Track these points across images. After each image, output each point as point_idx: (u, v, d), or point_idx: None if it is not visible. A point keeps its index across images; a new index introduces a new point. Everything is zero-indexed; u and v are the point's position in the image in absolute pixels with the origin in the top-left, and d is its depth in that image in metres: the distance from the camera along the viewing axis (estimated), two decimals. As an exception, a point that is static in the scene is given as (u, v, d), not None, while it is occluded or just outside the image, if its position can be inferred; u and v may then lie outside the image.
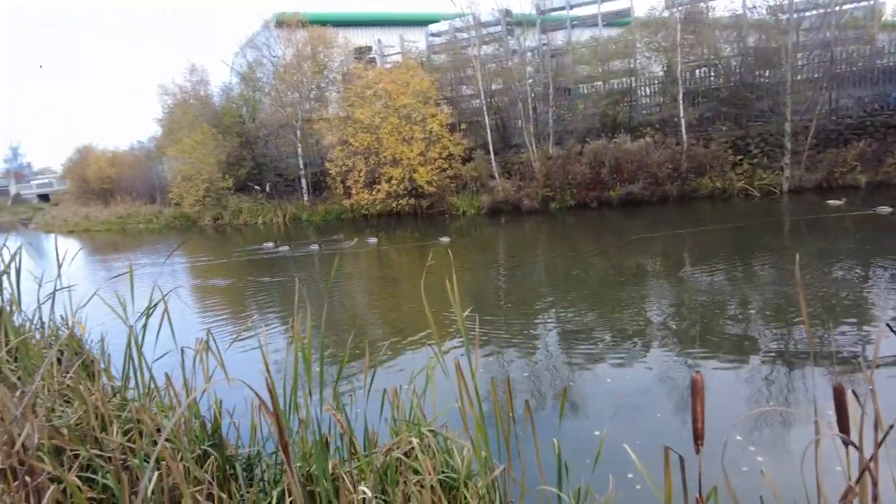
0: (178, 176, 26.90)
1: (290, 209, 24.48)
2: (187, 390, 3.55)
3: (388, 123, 20.33)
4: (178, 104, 30.92)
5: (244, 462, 3.59)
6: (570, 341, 6.62)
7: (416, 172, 20.27)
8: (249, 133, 27.10)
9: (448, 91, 22.86)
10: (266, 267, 13.74)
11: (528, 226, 16.95)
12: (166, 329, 3.80)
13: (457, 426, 4.09)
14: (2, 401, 3.07)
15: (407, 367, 6.12)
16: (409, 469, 3.33)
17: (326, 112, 24.84)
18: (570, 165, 18.33)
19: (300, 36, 24.46)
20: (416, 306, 8.78)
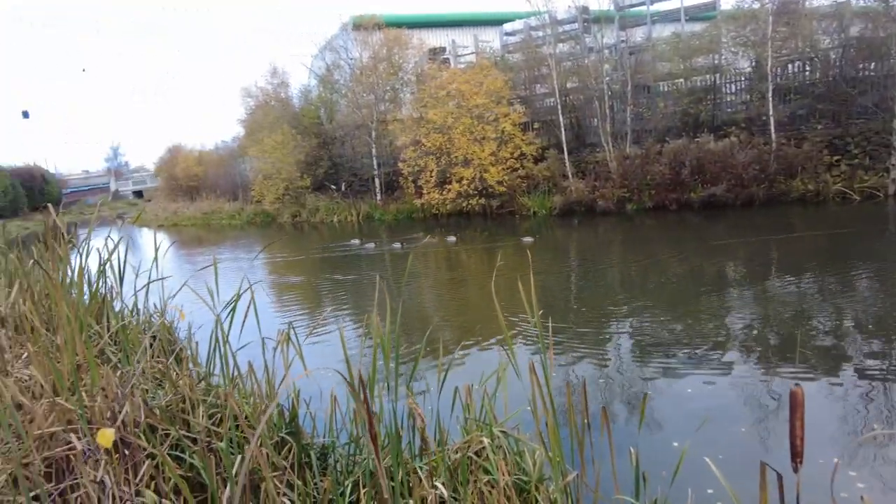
0: (260, 175, 28.20)
1: (363, 208, 25.09)
2: (268, 379, 3.68)
3: (461, 123, 20.40)
4: (260, 106, 32.42)
5: (318, 451, 3.68)
6: (645, 350, 6.37)
7: (487, 172, 20.21)
8: (327, 134, 27.99)
9: (522, 90, 22.65)
10: (343, 264, 14.13)
11: (602, 227, 16.49)
12: (242, 320, 3.96)
13: (528, 429, 4.03)
14: (107, 380, 3.29)
15: (478, 367, 6.10)
16: (480, 469, 3.30)
17: (400, 113, 25.26)
18: (649, 165, 17.66)
19: (376, 38, 25.02)
20: (490, 306, 8.74)
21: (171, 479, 3.01)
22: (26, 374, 3.73)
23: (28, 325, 4.71)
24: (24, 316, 4.93)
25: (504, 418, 3.69)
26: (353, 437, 3.60)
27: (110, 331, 4.81)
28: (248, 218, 29.46)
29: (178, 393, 3.65)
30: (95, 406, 3.18)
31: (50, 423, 3.00)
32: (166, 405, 3.53)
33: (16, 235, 25.90)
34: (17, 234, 27.75)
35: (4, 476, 2.65)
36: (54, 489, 2.74)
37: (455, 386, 3.81)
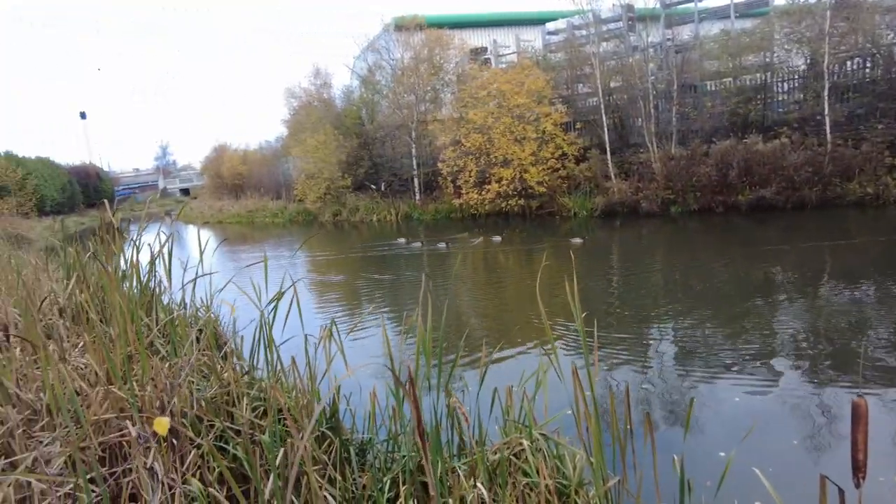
0: (302, 174, 28.75)
1: (402, 208, 25.28)
2: (311, 374, 3.73)
3: (501, 123, 20.31)
4: (303, 106, 33.04)
5: (357, 447, 3.71)
6: (689, 356, 6.19)
7: (527, 172, 20.07)
8: (368, 134, 28.33)
9: (564, 90, 22.39)
10: (386, 263, 14.25)
11: (645, 230, 16.15)
12: (285, 315, 4.04)
13: (568, 433, 3.97)
14: (157, 371, 3.40)
15: (517, 369, 6.05)
16: (519, 471, 3.27)
17: (440, 113, 25.34)
18: (695, 167, 17.19)
19: (418, 39, 25.16)
20: (530, 308, 8.67)
21: (215, 469, 3.09)
22: (82, 362, 3.89)
23: (84, 315, 4.92)
24: (80, 307, 5.16)
25: (544, 421, 3.65)
26: (392, 434, 3.62)
27: (159, 323, 4.98)
28: (290, 216, 30.08)
29: (223, 385, 3.74)
30: (145, 395, 3.29)
31: (104, 410, 3.12)
32: (211, 397, 3.62)
33: (73, 230, 27.19)
34: (74, 229, 29.12)
35: (63, 458, 2.77)
36: (108, 473, 2.84)
37: (494, 387, 3.79)
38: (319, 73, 32.70)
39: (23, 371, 3.75)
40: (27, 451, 2.93)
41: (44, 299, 5.22)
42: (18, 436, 3.01)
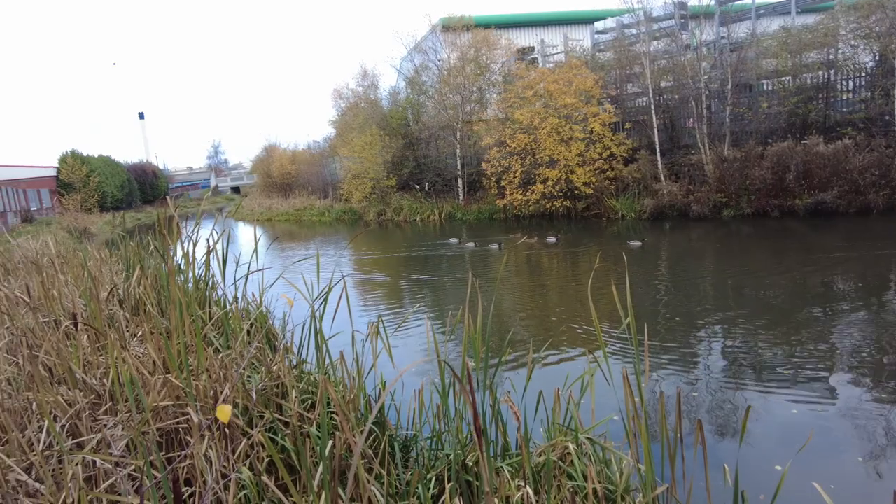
0: (349, 174, 29.22)
1: (445, 207, 25.35)
2: (358, 369, 3.78)
3: (548, 124, 20.11)
4: (351, 107, 33.56)
5: (401, 443, 3.75)
6: (742, 366, 5.97)
7: (574, 173, 19.80)
8: (413, 135, 28.55)
9: (612, 89, 21.99)
10: (427, 264, 14.32)
11: (695, 233, 15.67)
12: (333, 311, 4.11)
13: (615, 438, 3.89)
14: (210, 362, 3.51)
15: (562, 372, 5.98)
16: (564, 474, 3.23)
17: (485, 113, 25.29)
18: (749, 169, 16.58)
19: (464, 39, 25.18)
20: (578, 311, 8.55)
21: (264, 459, 3.18)
22: (140, 351, 4.07)
23: (143, 307, 5.14)
24: (139, 298, 5.40)
25: (590, 425, 3.59)
26: (436, 431, 3.63)
27: (213, 316, 5.15)
28: (336, 215, 30.61)
29: (273, 378, 3.84)
30: (200, 385, 3.42)
31: (162, 398, 3.26)
32: (262, 389, 3.72)
33: (131, 226, 28.46)
34: (131, 224, 30.47)
35: (125, 441, 2.90)
36: (165, 457, 2.96)
37: (540, 389, 3.75)
38: (367, 75, 33.19)
39: (87, 357, 3.95)
40: (92, 433, 3.08)
41: (109, 291, 5.48)
42: (85, 418, 3.18)
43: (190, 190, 73.99)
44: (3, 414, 3.07)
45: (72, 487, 2.52)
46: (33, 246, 10.58)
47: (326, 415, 3.25)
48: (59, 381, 3.69)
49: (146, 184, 58.08)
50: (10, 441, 2.91)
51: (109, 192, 45.31)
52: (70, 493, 2.51)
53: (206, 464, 2.73)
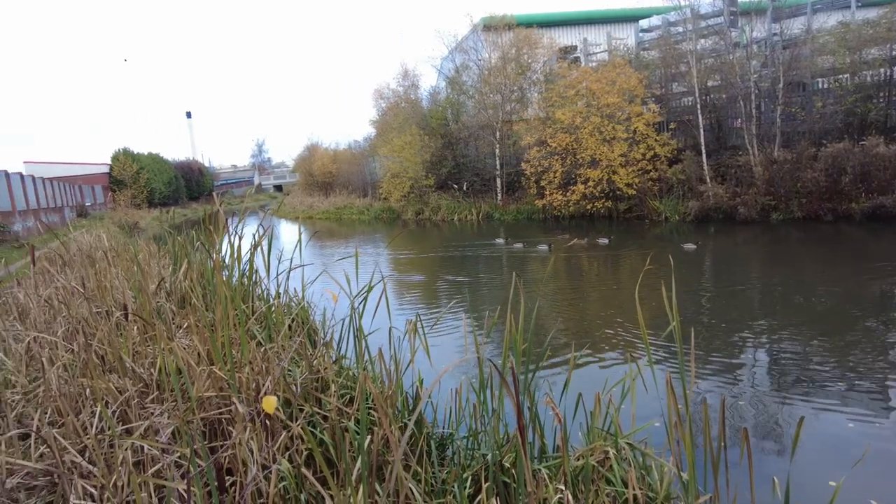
0: (388, 173, 29.49)
1: (483, 207, 25.30)
2: (396, 366, 3.81)
3: (590, 123, 19.82)
4: (391, 107, 33.86)
5: (437, 441, 3.75)
6: (790, 376, 5.75)
7: (616, 174, 19.46)
8: (452, 134, 28.59)
9: (657, 89, 21.51)
10: (467, 264, 14.32)
11: (741, 237, 15.16)
12: (374, 308, 4.13)
13: (656, 445, 3.80)
14: (253, 355, 3.59)
15: (600, 375, 5.88)
16: (602, 479, 3.18)
17: (526, 113, 25.11)
18: (801, 171, 15.94)
19: (506, 38, 25.06)
20: (619, 314, 8.41)
21: (303, 451, 3.23)
22: (186, 342, 4.19)
23: (189, 300, 5.30)
24: (186, 292, 5.57)
25: (630, 430, 3.52)
26: (472, 430, 3.62)
27: (257, 311, 5.27)
28: (375, 214, 30.94)
29: (314, 372, 3.90)
30: (243, 377, 3.50)
31: (206, 388, 3.35)
32: (302, 382, 3.79)
33: (178, 221, 29.43)
34: (178, 220, 31.51)
35: (171, 429, 3.00)
36: (208, 446, 3.04)
37: (579, 392, 3.70)
38: (408, 75, 33.42)
39: (136, 347, 4.10)
40: (140, 420, 3.20)
41: (158, 283, 5.67)
42: (133, 405, 3.30)
43: (234, 187, 76.04)
44: (61, 398, 3.21)
45: (122, 471, 2.62)
46: (87, 239, 11.06)
47: (365, 410, 3.28)
48: (110, 369, 3.83)
49: (192, 181, 59.97)
50: (66, 424, 3.04)
51: (158, 189, 47.00)
52: (120, 476, 2.60)
53: (248, 454, 2.79)
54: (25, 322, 5.23)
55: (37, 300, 5.75)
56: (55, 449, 2.72)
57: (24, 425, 3.26)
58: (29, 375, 3.93)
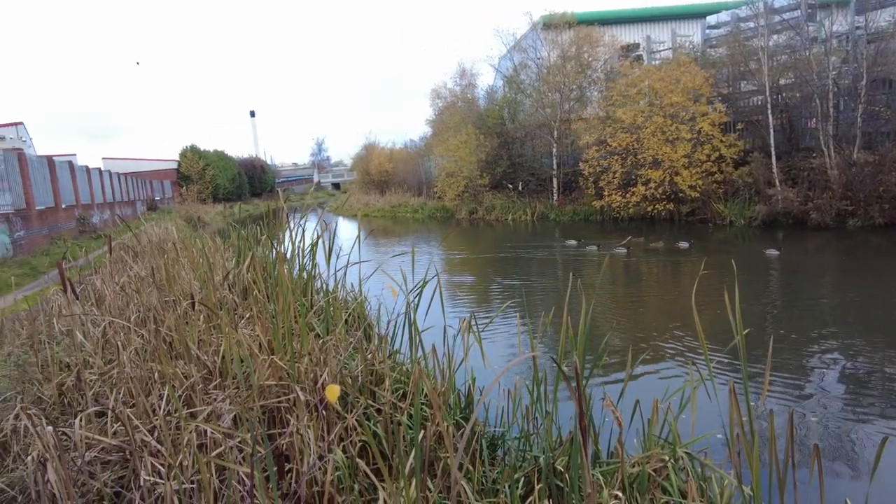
0: (443, 172, 29.62)
1: (538, 207, 25.02)
2: (450, 363, 3.82)
3: (652, 123, 19.25)
4: (448, 106, 33.99)
5: (488, 441, 3.74)
6: (866, 392, 5.40)
7: (679, 175, 18.81)
8: (508, 134, 28.43)
9: (724, 88, 20.63)
10: (523, 266, 14.20)
11: (813, 244, 14.34)
12: (427, 305, 4.16)
13: (716, 456, 3.65)
14: (311, 346, 3.68)
15: (659, 383, 5.71)
16: (658, 487, 3.08)
17: (585, 112, 24.66)
18: (884, 174, 14.92)
19: (566, 37, 24.68)
20: (682, 321, 8.16)
21: (357, 442, 3.28)
22: (247, 332, 4.34)
23: (251, 292, 5.50)
24: (248, 284, 5.78)
25: (688, 440, 3.39)
26: (524, 432, 3.59)
27: (315, 304, 5.41)
28: (429, 212, 31.16)
29: (368, 366, 3.96)
30: (301, 368, 3.59)
31: (267, 377, 3.46)
32: (357, 375, 3.86)
33: (241, 217, 30.60)
34: (241, 215, 32.77)
35: (233, 415, 3.12)
36: (267, 433, 3.14)
37: (636, 399, 3.60)
38: (465, 74, 33.46)
39: (202, 336, 4.28)
40: (204, 405, 3.34)
41: (226, 275, 5.91)
42: (198, 391, 3.44)
43: (294, 185, 78.36)
44: (132, 380, 3.40)
45: (187, 451, 2.74)
46: (157, 232, 11.64)
47: (419, 405, 3.30)
48: (177, 355, 4.02)
49: (255, 178, 62.19)
50: (138, 404, 3.21)
51: (222, 185, 49.02)
52: (186, 456, 2.72)
53: (305, 443, 2.86)
54: (102, 307, 5.56)
55: (112, 287, 6.11)
56: (128, 427, 2.88)
57: (100, 403, 3.47)
58: (104, 358, 4.17)
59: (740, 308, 2.88)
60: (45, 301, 6.48)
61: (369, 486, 3.04)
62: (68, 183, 19.89)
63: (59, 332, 4.88)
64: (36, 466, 2.69)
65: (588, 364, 5.65)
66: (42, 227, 16.00)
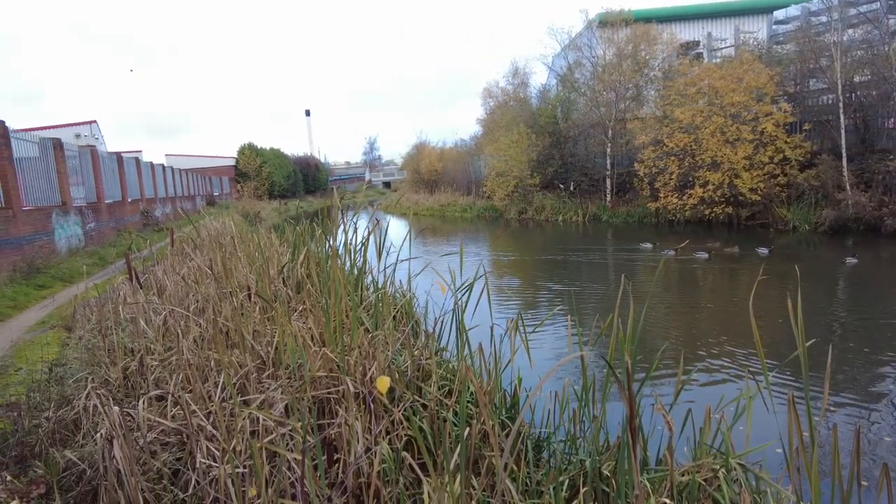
0: (493, 172, 29.51)
1: (590, 208, 24.59)
2: (496, 362, 3.81)
3: (712, 123, 18.57)
4: (499, 105, 33.83)
5: (533, 442, 3.71)
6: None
7: (739, 178, 18.08)
8: (561, 133, 28.04)
9: (791, 86, 19.67)
10: (580, 270, 14.01)
11: (887, 253, 13.49)
12: (475, 304, 4.15)
13: (773, 471, 3.50)
14: (361, 340, 3.75)
15: (713, 392, 5.52)
16: (709, 498, 2.98)
17: (641, 111, 24.05)
18: (966, 179, 13.89)
19: (622, 34, 24.13)
20: (738, 329, 7.87)
21: (403, 436, 3.33)
22: (300, 325, 4.46)
23: (304, 285, 5.65)
24: (302, 277, 5.94)
25: (743, 452, 3.27)
26: (570, 435, 3.54)
27: (365, 299, 5.51)
28: (477, 212, 31.13)
29: (416, 362, 4.01)
30: (351, 360, 3.67)
31: (318, 368, 3.55)
32: (404, 371, 3.90)
33: (295, 213, 31.43)
34: (295, 212, 33.66)
35: (284, 404, 3.21)
36: (317, 423, 3.23)
37: (689, 407, 3.49)
38: (518, 73, 33.22)
39: (256, 327, 4.43)
40: (257, 393, 3.46)
41: (281, 269, 6.10)
42: (252, 379, 3.57)
43: (347, 183, 79.91)
44: (191, 367, 3.55)
45: (240, 437, 2.85)
46: (215, 226, 12.10)
47: (465, 402, 3.31)
48: (232, 344, 4.18)
49: (309, 176, 63.71)
50: (195, 390, 3.36)
51: (278, 182, 50.47)
52: (240, 441, 2.83)
53: (353, 434, 2.92)
54: (163, 297, 5.84)
55: (173, 278, 6.40)
56: (186, 411, 3.02)
57: (160, 388, 3.64)
58: (165, 344, 4.38)
59: (809, 318, 2.75)
60: (113, 289, 6.87)
61: (414, 480, 3.08)
62: (134, 178, 20.98)
63: (124, 319, 5.15)
64: (103, 443, 2.85)
65: (640, 369, 5.52)
66: (110, 219, 16.95)
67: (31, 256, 10.49)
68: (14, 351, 5.93)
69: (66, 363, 4.61)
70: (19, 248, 10.49)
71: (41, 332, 6.65)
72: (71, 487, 3.12)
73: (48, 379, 4.21)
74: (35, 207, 11.73)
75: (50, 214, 12.26)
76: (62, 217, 12.92)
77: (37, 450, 3.35)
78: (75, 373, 4.26)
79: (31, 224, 11.24)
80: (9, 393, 4.33)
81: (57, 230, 12.53)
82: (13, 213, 10.54)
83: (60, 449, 3.27)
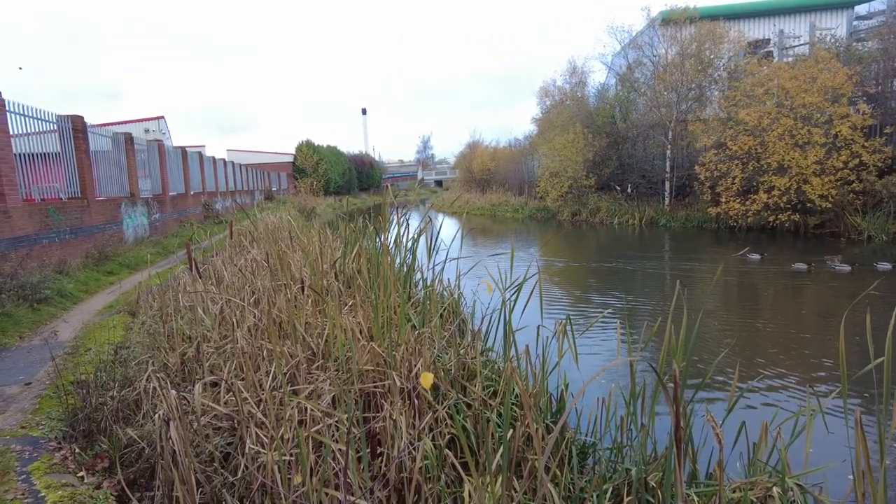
0: (546, 172, 29.10)
1: (647, 212, 23.91)
2: (543, 365, 3.76)
3: (780, 125, 17.67)
4: (556, 105, 33.34)
5: (578, 448, 3.65)
6: None
7: (808, 183, 17.14)
8: (619, 134, 27.39)
9: (871, 87, 18.45)
10: (637, 281, 13.68)
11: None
12: (523, 306, 4.11)
13: (834, 493, 3.31)
14: (408, 337, 3.79)
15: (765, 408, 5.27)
16: (763, 519, 2.85)
17: (704, 113, 23.16)
18: None
19: (686, 33, 23.31)
20: (801, 343, 7.50)
21: (446, 434, 3.33)
22: (349, 319, 4.55)
23: (355, 281, 5.75)
24: (353, 273, 6.05)
25: (801, 472, 3.10)
26: (617, 442, 3.46)
27: (414, 296, 5.56)
28: (529, 213, 30.81)
29: (461, 360, 4.01)
30: (398, 356, 3.71)
31: (366, 362, 3.61)
32: (449, 369, 3.91)
33: (349, 210, 32.04)
34: (349, 208, 34.30)
35: (332, 395, 3.28)
36: (362, 416, 3.28)
37: (742, 420, 3.35)
38: (576, 71, 32.67)
39: (308, 319, 4.55)
40: (307, 383, 3.54)
41: (333, 263, 6.24)
42: (301, 370, 3.66)
43: (399, 181, 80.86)
44: (244, 356, 3.68)
45: (289, 426, 2.93)
46: (272, 220, 12.48)
47: (510, 404, 3.29)
48: (284, 335, 4.30)
49: (363, 173, 64.87)
50: (247, 378, 3.48)
51: (333, 179, 51.62)
52: (288, 429, 2.91)
53: (397, 429, 2.95)
54: (221, 287, 6.08)
55: (231, 269, 6.65)
56: (238, 398, 3.13)
57: (214, 374, 3.80)
58: (220, 333, 4.56)
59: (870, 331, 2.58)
60: (174, 278, 7.21)
61: (455, 478, 3.08)
62: (197, 172, 21.94)
63: (183, 307, 5.39)
64: (161, 424, 3.00)
65: (692, 380, 5.33)
66: (174, 211, 17.79)
67: (101, 244, 11.14)
68: (85, 332, 6.31)
69: (129, 346, 4.87)
70: (91, 237, 11.16)
71: (108, 315, 7.05)
72: (131, 463, 3.30)
73: (113, 360, 4.46)
74: (107, 198, 12.46)
75: (120, 205, 13.00)
76: (130, 208, 13.67)
77: (102, 426, 3.56)
78: (138, 356, 4.49)
79: (102, 214, 11.94)
80: (80, 371, 4.62)
81: (125, 220, 13.27)
82: (87, 203, 11.22)
83: (123, 427, 3.46)
